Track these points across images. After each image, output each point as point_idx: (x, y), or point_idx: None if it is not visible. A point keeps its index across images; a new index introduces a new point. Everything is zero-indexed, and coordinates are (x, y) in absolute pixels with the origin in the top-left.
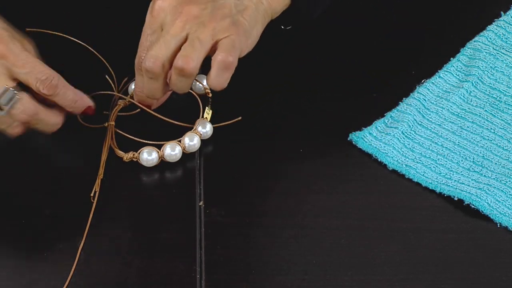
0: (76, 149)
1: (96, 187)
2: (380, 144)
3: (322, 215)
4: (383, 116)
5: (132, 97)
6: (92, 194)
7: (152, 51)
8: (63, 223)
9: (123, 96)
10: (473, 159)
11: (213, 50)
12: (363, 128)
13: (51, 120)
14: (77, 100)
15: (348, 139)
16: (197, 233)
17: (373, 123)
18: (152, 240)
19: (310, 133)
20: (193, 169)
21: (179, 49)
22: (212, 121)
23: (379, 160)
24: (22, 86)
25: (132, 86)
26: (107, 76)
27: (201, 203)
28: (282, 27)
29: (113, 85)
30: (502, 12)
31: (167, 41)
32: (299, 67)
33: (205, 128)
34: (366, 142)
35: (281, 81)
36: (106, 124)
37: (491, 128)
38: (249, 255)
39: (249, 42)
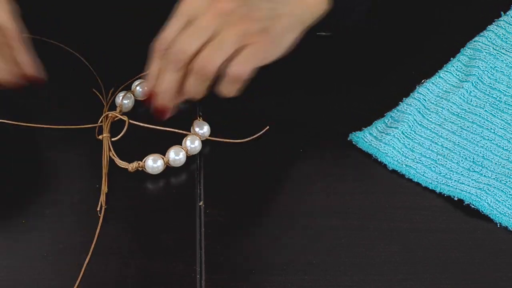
0: (76, 150)
1: (102, 202)
2: (380, 144)
3: (322, 215)
4: (383, 116)
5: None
6: (98, 209)
7: (179, 44)
8: (63, 223)
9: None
10: (473, 159)
11: (236, 53)
12: (363, 128)
13: None
14: (24, 62)
15: (348, 139)
16: (197, 233)
17: (373, 123)
18: (152, 240)
19: (310, 133)
20: (193, 170)
21: (204, 43)
22: (211, 125)
23: (379, 160)
24: None
25: (120, 97)
26: (94, 89)
27: (201, 203)
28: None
29: (101, 97)
30: (502, 12)
31: (195, 34)
32: (298, 67)
33: (202, 129)
34: (366, 142)
35: (280, 81)
36: (101, 137)
37: (491, 128)
38: (249, 255)
39: (277, 50)
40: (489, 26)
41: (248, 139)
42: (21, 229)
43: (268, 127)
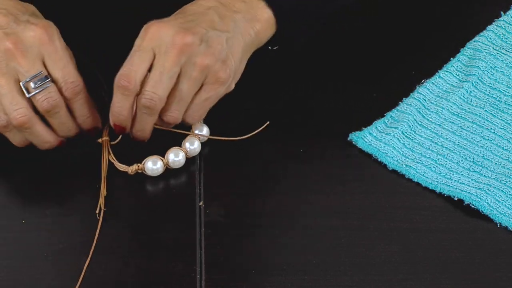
0: (77, 150)
1: (101, 205)
2: (380, 144)
3: (322, 215)
4: (383, 116)
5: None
6: (97, 212)
7: (150, 91)
8: (63, 223)
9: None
10: (473, 159)
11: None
12: (363, 128)
13: (65, 122)
14: (89, 115)
15: (348, 139)
16: (197, 233)
17: (373, 123)
18: (152, 240)
19: (310, 133)
20: (193, 171)
21: (173, 83)
22: (210, 127)
23: (379, 160)
24: None
25: None
26: (95, 92)
27: (201, 203)
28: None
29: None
30: (502, 12)
31: (165, 82)
32: (298, 67)
33: (202, 131)
34: (366, 142)
35: (280, 81)
36: (100, 140)
37: (491, 128)
38: (249, 255)
39: (235, 79)
40: (489, 26)
41: (249, 135)
42: (21, 229)
43: (268, 122)
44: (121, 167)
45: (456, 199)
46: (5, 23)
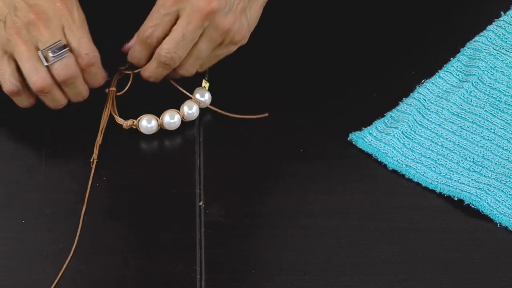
0: (77, 151)
1: (95, 155)
2: (380, 144)
3: (322, 215)
4: (383, 116)
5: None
6: (91, 160)
7: (170, 47)
8: (63, 223)
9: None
10: (473, 159)
11: None
12: (363, 128)
13: (80, 92)
14: (100, 83)
15: (348, 139)
16: (197, 233)
17: (373, 123)
18: (152, 240)
19: (310, 133)
20: (193, 169)
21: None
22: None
23: (379, 160)
24: None
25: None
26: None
27: (201, 203)
28: None
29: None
30: (502, 12)
31: (186, 43)
32: (299, 67)
33: (203, 96)
34: (366, 142)
35: (281, 81)
36: (107, 90)
37: (491, 128)
38: (249, 255)
39: (248, 34)
40: (489, 26)
41: (246, 116)
42: (21, 229)
43: (267, 114)
44: (118, 120)
45: (456, 199)
46: None
